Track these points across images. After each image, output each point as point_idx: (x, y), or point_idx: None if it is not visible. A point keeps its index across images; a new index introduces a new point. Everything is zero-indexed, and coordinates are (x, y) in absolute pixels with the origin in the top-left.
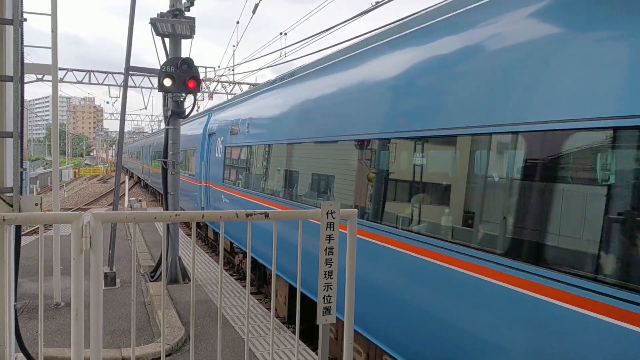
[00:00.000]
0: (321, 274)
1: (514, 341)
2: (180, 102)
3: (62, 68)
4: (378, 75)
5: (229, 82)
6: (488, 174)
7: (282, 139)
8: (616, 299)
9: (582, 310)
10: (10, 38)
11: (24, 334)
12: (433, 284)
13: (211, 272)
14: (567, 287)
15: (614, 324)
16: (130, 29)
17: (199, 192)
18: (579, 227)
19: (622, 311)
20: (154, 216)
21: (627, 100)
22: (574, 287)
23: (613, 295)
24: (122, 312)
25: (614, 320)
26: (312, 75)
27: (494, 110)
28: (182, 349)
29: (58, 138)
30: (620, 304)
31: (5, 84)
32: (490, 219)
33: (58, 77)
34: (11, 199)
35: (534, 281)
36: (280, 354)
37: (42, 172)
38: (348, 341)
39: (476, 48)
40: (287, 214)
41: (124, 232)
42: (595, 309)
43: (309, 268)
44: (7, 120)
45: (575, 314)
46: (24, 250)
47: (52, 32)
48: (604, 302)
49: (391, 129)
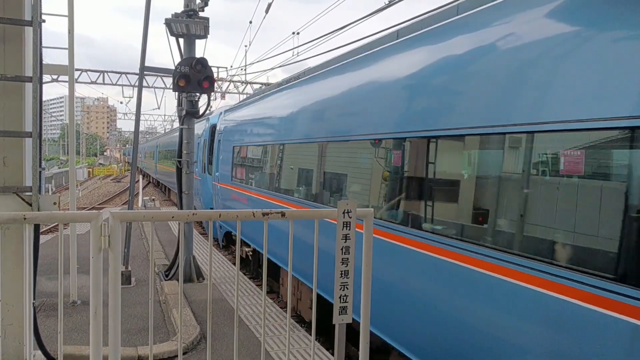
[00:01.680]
0: (337, 274)
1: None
2: (195, 102)
3: (77, 69)
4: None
5: (241, 81)
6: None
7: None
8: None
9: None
10: (30, 39)
11: (42, 332)
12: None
13: (225, 270)
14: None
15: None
16: (145, 30)
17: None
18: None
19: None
20: (172, 215)
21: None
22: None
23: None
24: (137, 310)
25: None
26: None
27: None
28: (197, 348)
29: (75, 138)
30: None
31: (25, 85)
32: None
33: (74, 77)
34: (30, 198)
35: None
36: (295, 354)
37: (57, 171)
38: (364, 341)
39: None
40: (304, 213)
41: (138, 231)
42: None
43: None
44: (26, 120)
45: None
46: (42, 248)
47: (68, 32)
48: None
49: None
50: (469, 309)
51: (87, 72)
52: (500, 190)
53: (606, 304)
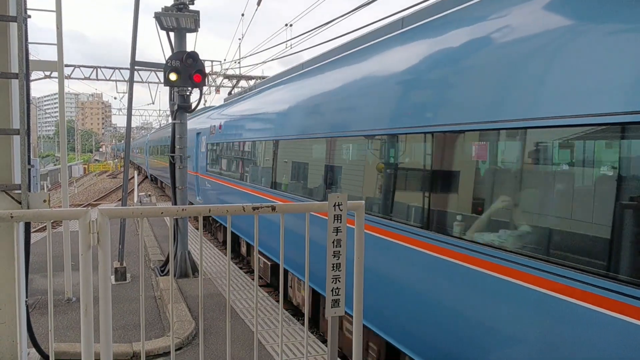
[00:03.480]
0: (329, 267)
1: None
2: (187, 96)
3: (69, 65)
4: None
5: (235, 75)
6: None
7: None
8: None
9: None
10: (15, 35)
11: (37, 330)
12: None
13: (220, 265)
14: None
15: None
16: (135, 24)
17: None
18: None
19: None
20: (161, 211)
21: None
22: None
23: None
24: (132, 306)
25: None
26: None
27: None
28: (192, 343)
29: (66, 135)
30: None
31: (11, 81)
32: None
33: (64, 73)
34: (19, 196)
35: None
36: (290, 346)
37: (53, 168)
38: (357, 334)
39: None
40: (294, 206)
41: (134, 227)
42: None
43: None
44: (13, 117)
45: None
46: (36, 246)
47: (57, 28)
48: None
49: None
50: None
51: (80, 67)
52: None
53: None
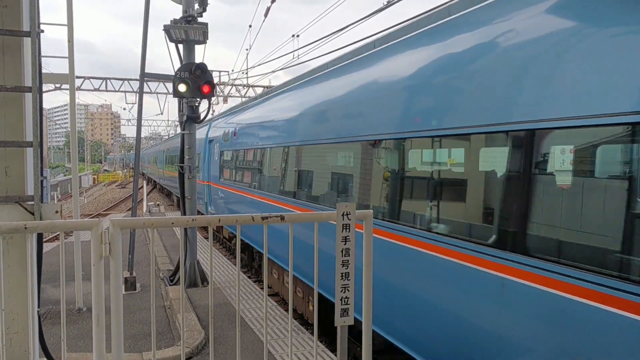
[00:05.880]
0: (338, 276)
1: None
2: (195, 107)
3: (79, 76)
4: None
5: (243, 85)
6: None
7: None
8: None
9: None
10: (28, 50)
11: (48, 340)
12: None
13: (229, 274)
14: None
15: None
16: (145, 37)
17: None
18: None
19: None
20: (172, 221)
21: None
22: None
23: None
24: (142, 316)
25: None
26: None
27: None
28: (202, 352)
29: (77, 146)
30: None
31: (25, 95)
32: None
33: (75, 85)
34: (32, 207)
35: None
36: (299, 355)
37: (63, 179)
38: (367, 342)
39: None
40: (303, 216)
41: (143, 237)
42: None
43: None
44: (27, 130)
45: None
46: (47, 256)
47: (68, 42)
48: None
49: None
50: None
51: (90, 79)
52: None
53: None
